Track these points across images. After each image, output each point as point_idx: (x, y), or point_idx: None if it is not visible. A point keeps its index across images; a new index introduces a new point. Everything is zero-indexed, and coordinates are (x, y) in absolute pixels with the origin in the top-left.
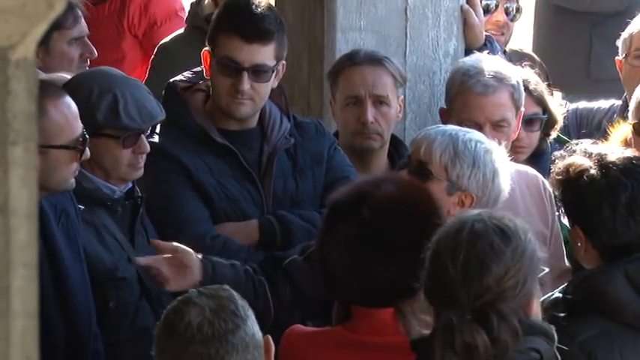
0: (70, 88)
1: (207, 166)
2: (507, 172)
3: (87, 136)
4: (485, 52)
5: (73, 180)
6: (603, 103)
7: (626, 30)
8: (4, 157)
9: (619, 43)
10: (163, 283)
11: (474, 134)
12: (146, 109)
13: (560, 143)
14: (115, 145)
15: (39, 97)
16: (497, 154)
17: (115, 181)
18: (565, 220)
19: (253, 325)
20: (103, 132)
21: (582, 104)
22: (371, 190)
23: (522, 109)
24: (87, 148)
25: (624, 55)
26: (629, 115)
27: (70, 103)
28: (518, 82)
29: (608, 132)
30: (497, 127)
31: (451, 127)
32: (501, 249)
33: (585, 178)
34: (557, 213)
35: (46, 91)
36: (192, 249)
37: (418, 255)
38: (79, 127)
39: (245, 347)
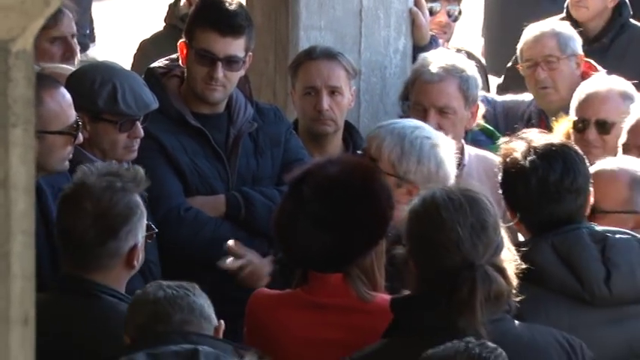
0: (75, 77)
1: (181, 146)
2: (452, 162)
3: (80, 123)
4: (431, 49)
5: (67, 162)
6: (528, 96)
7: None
8: (5, 138)
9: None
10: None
11: (422, 130)
12: (141, 99)
13: (486, 134)
14: (113, 129)
15: (37, 88)
16: (443, 146)
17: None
18: None
19: (205, 305)
20: (103, 117)
21: (509, 97)
22: (315, 170)
23: (478, 102)
24: (80, 134)
25: (520, 64)
26: (571, 112)
27: (65, 93)
28: (470, 77)
29: (534, 124)
30: (441, 113)
31: (402, 124)
32: (487, 207)
33: (510, 160)
34: None
35: (43, 82)
36: (168, 218)
37: (356, 227)
38: (72, 114)
39: (191, 310)
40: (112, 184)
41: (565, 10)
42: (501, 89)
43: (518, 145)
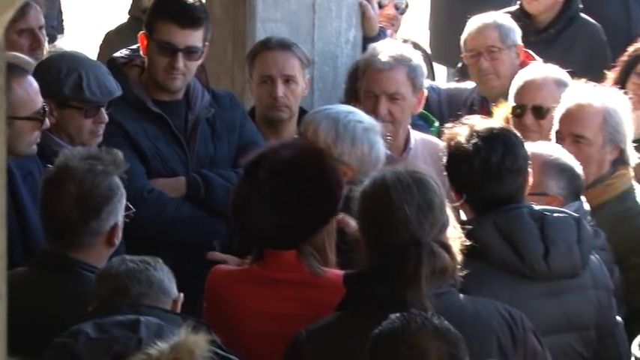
0: (42, 66)
1: (143, 131)
2: (382, 144)
3: (46, 109)
4: (380, 40)
5: (35, 146)
6: (470, 83)
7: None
8: None
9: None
10: None
11: (355, 115)
12: (105, 86)
13: (423, 119)
14: (79, 115)
15: (6, 77)
16: (374, 129)
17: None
18: None
19: (165, 279)
20: (69, 104)
21: (453, 84)
22: (269, 154)
23: (424, 90)
24: (46, 119)
25: (464, 53)
26: (509, 98)
27: (32, 81)
28: (417, 65)
29: (476, 110)
30: (392, 99)
31: (336, 110)
32: (433, 187)
33: (454, 143)
34: None
35: (12, 70)
36: (132, 200)
37: (308, 206)
38: (39, 101)
39: (149, 284)
40: (94, 167)
41: (519, 3)
42: (461, 75)
43: (462, 130)
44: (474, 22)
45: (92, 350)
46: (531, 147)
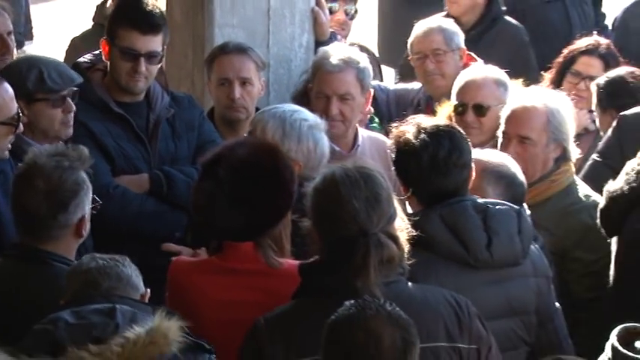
0: (5, 71)
1: (107, 131)
2: (326, 141)
3: (20, 115)
4: (331, 44)
5: (7, 151)
6: (417, 84)
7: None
8: None
9: None
10: None
11: (300, 113)
12: (66, 74)
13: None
14: (47, 106)
15: None
16: (319, 127)
17: (52, 141)
18: None
19: (132, 275)
20: (35, 97)
21: (400, 85)
22: (226, 153)
23: (371, 90)
24: (20, 124)
25: (411, 56)
26: (452, 97)
27: (8, 88)
28: (365, 67)
29: (422, 109)
30: (342, 99)
31: (282, 109)
32: (380, 181)
33: (403, 140)
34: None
35: None
36: (98, 196)
37: (267, 201)
38: (14, 107)
39: (118, 279)
40: (61, 163)
41: (446, 8)
42: (402, 75)
43: (409, 128)
44: (420, 27)
45: (72, 335)
46: (474, 153)
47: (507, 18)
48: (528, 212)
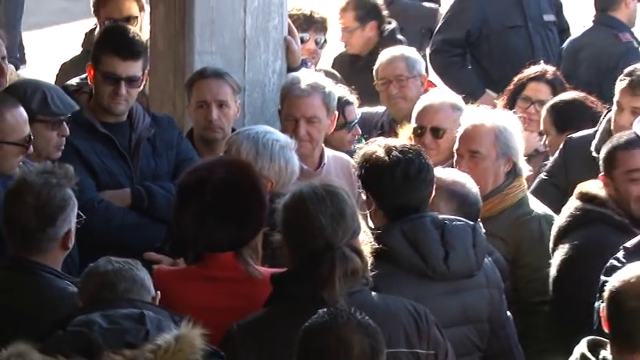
0: (9, 91)
1: (92, 149)
2: (296, 160)
3: (32, 137)
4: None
5: (17, 169)
6: (381, 108)
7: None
8: None
9: None
10: None
11: (272, 134)
12: (66, 101)
13: None
14: (45, 128)
15: (1, 107)
16: (289, 147)
17: (42, 161)
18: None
19: (145, 278)
20: (37, 118)
21: (366, 108)
22: (209, 176)
23: (335, 112)
24: (31, 146)
25: (376, 81)
26: (412, 120)
27: (22, 112)
28: (330, 92)
29: (385, 131)
30: (309, 122)
31: (255, 130)
32: (345, 198)
33: (374, 157)
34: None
35: (5, 101)
36: (83, 210)
37: (249, 217)
38: (27, 130)
39: (133, 282)
40: (49, 181)
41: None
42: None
43: (376, 147)
44: (384, 55)
45: (106, 339)
46: (434, 172)
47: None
48: (482, 231)
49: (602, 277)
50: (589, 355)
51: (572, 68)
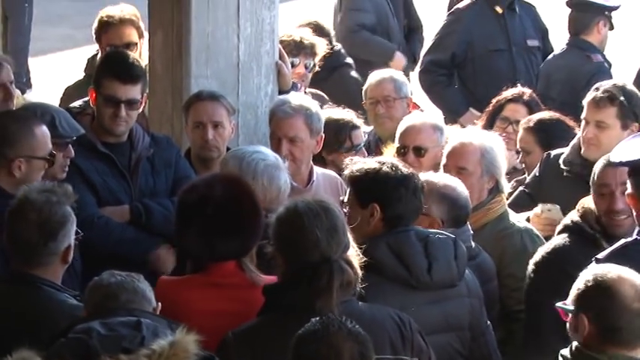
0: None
1: (94, 168)
2: (283, 178)
3: (54, 153)
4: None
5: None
6: (368, 128)
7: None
8: None
9: None
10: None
11: (259, 154)
12: (73, 124)
13: None
14: (53, 150)
15: (29, 123)
16: (276, 165)
17: (48, 179)
18: None
19: (147, 290)
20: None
21: None
22: (209, 192)
23: (321, 133)
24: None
25: (365, 101)
26: (396, 140)
27: (45, 130)
28: (314, 113)
29: (372, 149)
30: (291, 142)
31: (244, 150)
32: (337, 214)
33: (382, 172)
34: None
35: (32, 119)
36: (84, 225)
37: (249, 228)
38: (50, 146)
39: (135, 293)
40: (50, 198)
41: None
42: None
43: (377, 164)
44: (374, 76)
45: (104, 345)
46: (427, 175)
47: (347, 69)
48: (470, 232)
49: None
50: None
51: (547, 89)
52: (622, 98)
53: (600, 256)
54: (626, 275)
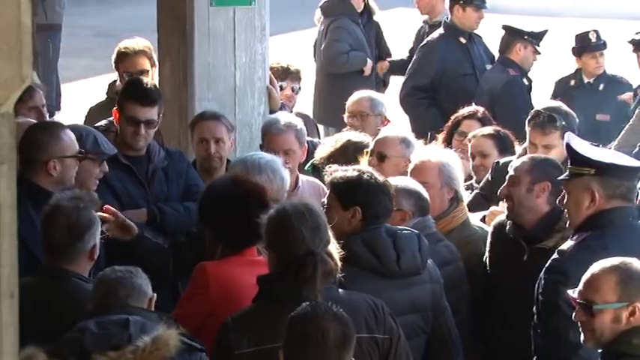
0: None
1: (117, 177)
2: (284, 171)
3: (82, 151)
4: (282, 112)
5: (74, 180)
6: None
7: None
8: None
9: None
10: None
11: (259, 154)
12: (109, 144)
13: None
14: (93, 165)
15: (54, 130)
16: (274, 161)
17: (83, 191)
18: None
19: (143, 284)
20: (88, 156)
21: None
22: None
23: (305, 145)
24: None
25: (345, 115)
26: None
27: (70, 132)
28: (301, 129)
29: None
30: (286, 154)
31: (245, 155)
32: (320, 213)
33: (363, 180)
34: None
35: (56, 125)
36: None
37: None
38: (77, 145)
39: (132, 287)
40: (77, 205)
41: None
42: None
43: (357, 172)
44: (355, 95)
45: (95, 343)
46: (395, 179)
47: None
48: (432, 221)
49: (543, 275)
50: None
51: (477, 99)
52: (563, 122)
53: (563, 247)
54: None
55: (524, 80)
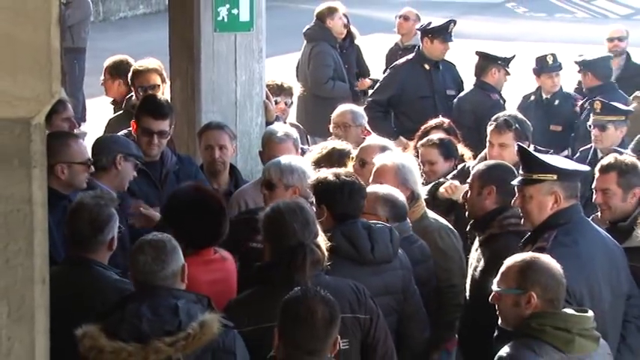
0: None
1: (134, 179)
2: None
3: (91, 160)
4: (278, 122)
5: (85, 184)
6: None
7: None
8: (29, 175)
9: None
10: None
11: (290, 157)
12: (140, 152)
13: None
14: (133, 167)
15: (65, 139)
16: (304, 164)
17: (120, 189)
18: None
19: (175, 254)
20: (129, 159)
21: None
22: (211, 202)
23: (300, 151)
24: (92, 167)
25: (330, 125)
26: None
27: (82, 142)
28: (297, 137)
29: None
30: None
31: (284, 158)
32: (309, 210)
33: (327, 180)
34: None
35: (68, 135)
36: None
37: (223, 224)
38: (87, 154)
39: (173, 249)
40: (98, 202)
41: None
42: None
43: (327, 174)
44: (339, 108)
45: (152, 329)
46: (373, 187)
47: None
48: (410, 225)
49: None
50: None
51: (459, 117)
52: (517, 125)
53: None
54: None
55: (501, 102)
